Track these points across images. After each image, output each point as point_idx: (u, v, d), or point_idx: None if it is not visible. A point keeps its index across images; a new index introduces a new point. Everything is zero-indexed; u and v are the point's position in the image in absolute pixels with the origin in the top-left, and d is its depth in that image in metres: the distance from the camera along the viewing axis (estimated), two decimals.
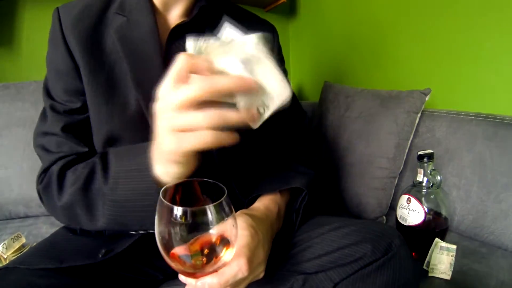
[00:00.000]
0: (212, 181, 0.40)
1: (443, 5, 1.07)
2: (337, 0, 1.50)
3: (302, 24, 1.77)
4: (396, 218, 0.85)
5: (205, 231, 0.36)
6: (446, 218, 0.82)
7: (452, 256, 0.72)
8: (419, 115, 1.01)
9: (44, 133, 0.62)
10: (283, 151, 0.75)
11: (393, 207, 1.01)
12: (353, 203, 1.04)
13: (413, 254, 0.80)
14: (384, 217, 1.03)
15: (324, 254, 0.55)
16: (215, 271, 0.39)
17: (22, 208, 1.08)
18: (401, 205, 0.84)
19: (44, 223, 1.04)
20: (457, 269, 0.73)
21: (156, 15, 0.61)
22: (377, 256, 0.51)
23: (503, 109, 0.93)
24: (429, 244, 0.76)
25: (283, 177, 0.66)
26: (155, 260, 0.64)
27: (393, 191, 1.02)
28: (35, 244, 0.78)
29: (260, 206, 0.61)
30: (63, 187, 0.57)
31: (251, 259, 0.46)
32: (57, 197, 0.57)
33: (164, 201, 0.35)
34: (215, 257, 0.38)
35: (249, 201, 0.64)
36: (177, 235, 0.35)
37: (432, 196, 0.81)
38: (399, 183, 1.03)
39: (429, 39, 1.13)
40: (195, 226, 0.35)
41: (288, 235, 0.62)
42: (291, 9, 1.81)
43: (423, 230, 0.79)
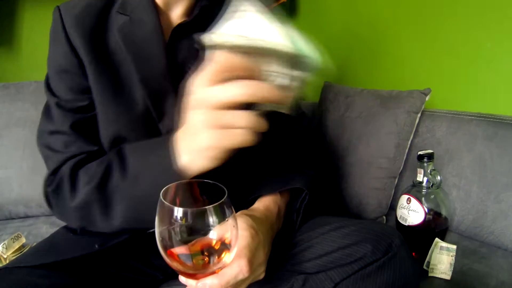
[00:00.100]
0: (212, 182, 0.40)
1: (443, 5, 1.07)
2: (337, 0, 1.50)
3: (302, 24, 1.77)
4: (396, 218, 0.85)
5: (205, 232, 0.36)
6: (446, 218, 0.82)
7: (452, 256, 0.73)
8: (419, 115, 1.01)
9: (51, 132, 0.60)
10: (283, 151, 0.75)
11: (393, 207, 1.01)
12: (353, 203, 1.04)
13: (413, 254, 0.80)
14: (384, 217, 1.03)
15: (324, 254, 0.55)
16: (215, 272, 0.39)
17: (22, 208, 1.08)
18: (401, 205, 0.84)
19: (44, 223, 1.05)
20: (457, 269, 0.73)
21: (159, 14, 0.61)
22: (377, 256, 0.51)
23: (503, 109, 0.93)
24: (429, 244, 0.76)
25: (283, 178, 0.66)
26: (155, 260, 0.64)
27: (393, 191, 1.02)
28: (35, 244, 0.78)
29: (260, 206, 0.61)
30: (76, 187, 0.55)
31: (251, 260, 0.45)
32: (69, 198, 0.55)
33: (164, 202, 0.35)
34: (216, 258, 0.38)
35: (249, 201, 0.64)
36: (177, 236, 0.35)
37: (432, 196, 0.81)
38: (399, 183, 1.03)
39: (429, 39, 1.13)
40: (195, 227, 0.35)
41: (289, 235, 0.62)
42: (291, 9, 1.81)
43: (423, 230, 0.79)
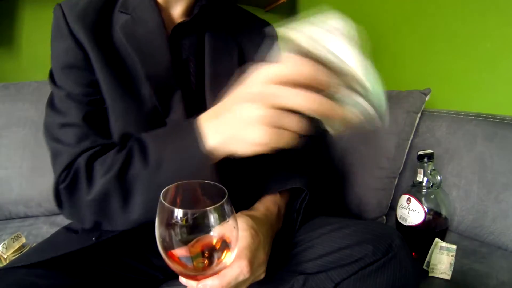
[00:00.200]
0: (212, 182, 0.40)
1: (443, 5, 1.07)
2: (337, 0, 1.50)
3: None
4: (396, 218, 0.85)
5: (206, 233, 0.36)
6: (446, 218, 0.82)
7: (452, 256, 0.73)
8: (419, 115, 1.01)
9: (61, 125, 0.57)
10: (283, 151, 0.75)
11: (393, 207, 1.01)
12: (353, 203, 1.04)
13: (413, 254, 0.80)
14: (384, 217, 1.03)
15: (324, 254, 0.55)
16: (216, 273, 0.39)
17: (22, 208, 1.08)
18: (401, 205, 0.84)
19: (44, 223, 1.04)
20: (457, 269, 0.73)
21: (160, 12, 0.62)
22: (377, 256, 0.51)
23: (503, 109, 0.93)
24: (429, 244, 0.76)
25: (283, 178, 0.66)
26: (155, 260, 0.64)
27: (393, 191, 1.02)
28: (35, 245, 0.78)
29: (260, 206, 0.61)
30: (94, 178, 0.52)
31: (252, 261, 0.46)
32: (86, 191, 0.52)
33: (164, 203, 0.35)
34: (216, 259, 0.38)
35: (249, 201, 0.64)
36: (177, 237, 0.35)
37: (432, 196, 0.81)
38: (399, 183, 1.03)
39: (429, 39, 1.13)
40: (196, 228, 0.35)
41: (289, 235, 0.62)
42: (291, 9, 1.81)
43: (423, 230, 0.79)
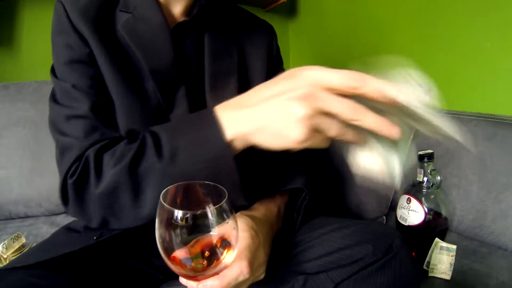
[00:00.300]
0: (212, 183, 0.40)
1: (443, 5, 1.07)
2: (337, 0, 1.50)
3: (302, 24, 1.77)
4: (396, 218, 0.85)
5: (205, 234, 0.36)
6: (446, 218, 0.82)
7: (452, 256, 0.73)
8: None
9: (67, 117, 0.55)
10: (283, 151, 0.75)
11: (393, 207, 1.01)
12: (353, 203, 1.05)
13: (413, 254, 0.80)
14: (384, 217, 1.03)
15: (325, 255, 0.55)
16: (216, 273, 0.39)
17: (22, 208, 1.08)
18: (401, 205, 0.84)
19: (44, 223, 1.04)
20: (457, 269, 0.74)
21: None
22: (377, 256, 0.51)
23: (503, 109, 0.93)
24: (429, 244, 0.76)
25: (283, 178, 0.66)
26: (155, 260, 0.64)
27: (393, 191, 1.02)
28: (35, 245, 0.78)
29: (260, 206, 0.61)
30: (103, 171, 0.50)
31: (252, 261, 0.46)
32: (94, 184, 0.50)
33: (164, 204, 0.35)
34: (216, 259, 0.38)
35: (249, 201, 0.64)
36: (177, 238, 0.35)
37: (432, 196, 0.81)
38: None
39: (429, 39, 1.13)
40: (195, 228, 0.35)
41: (289, 235, 0.62)
42: (291, 9, 1.81)
43: (423, 230, 0.79)
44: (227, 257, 0.38)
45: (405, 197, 0.83)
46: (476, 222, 0.87)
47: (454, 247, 0.73)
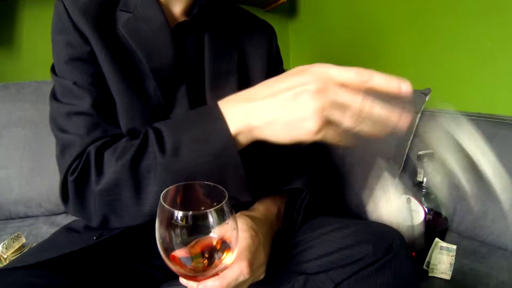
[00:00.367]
0: (212, 184, 0.40)
1: (443, 5, 1.07)
2: (337, 0, 1.50)
3: (302, 24, 1.77)
4: None
5: (206, 234, 0.36)
6: (446, 218, 0.82)
7: (452, 256, 0.73)
8: (419, 115, 1.00)
9: (68, 114, 0.55)
10: (282, 151, 0.75)
11: None
12: (353, 203, 1.04)
13: (413, 254, 0.80)
14: None
15: (325, 255, 0.55)
16: (216, 274, 0.39)
17: (22, 208, 1.08)
18: None
19: (44, 223, 1.04)
20: (457, 269, 0.74)
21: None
22: (378, 256, 0.51)
23: (503, 109, 0.93)
24: (429, 244, 0.76)
25: (283, 178, 0.66)
26: (155, 260, 0.64)
27: None
28: (35, 245, 0.78)
29: (259, 206, 0.61)
30: (104, 167, 0.50)
31: (252, 262, 0.46)
32: (95, 180, 0.49)
33: (164, 205, 0.35)
34: (216, 260, 0.38)
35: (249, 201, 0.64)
36: (177, 238, 0.35)
37: (432, 196, 0.81)
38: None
39: (429, 39, 1.13)
40: (196, 229, 0.35)
41: (289, 235, 0.62)
42: (291, 9, 1.81)
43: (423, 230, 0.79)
44: (227, 257, 0.38)
45: (405, 197, 0.83)
46: (476, 222, 0.87)
47: (454, 247, 0.73)
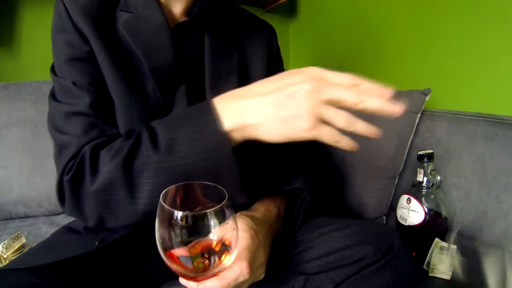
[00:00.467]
0: (212, 184, 0.40)
1: (443, 5, 1.07)
2: (337, 0, 1.50)
3: (302, 24, 1.77)
4: (396, 218, 0.85)
5: (205, 235, 0.36)
6: (446, 218, 0.82)
7: (452, 256, 0.72)
8: (419, 115, 1.00)
9: (66, 114, 0.55)
10: (282, 151, 0.75)
11: (393, 207, 1.01)
12: (353, 203, 1.04)
13: (413, 254, 0.80)
14: (384, 217, 1.03)
15: (325, 255, 0.55)
16: (216, 274, 0.39)
17: (22, 208, 1.08)
18: (401, 205, 0.84)
19: (44, 223, 1.04)
20: (457, 269, 0.73)
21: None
22: (378, 257, 0.51)
23: (503, 109, 0.93)
24: (429, 244, 0.76)
25: (283, 178, 0.66)
26: (155, 260, 0.64)
27: (393, 191, 1.02)
28: (35, 245, 0.78)
29: (259, 207, 0.61)
30: (99, 167, 0.50)
31: (252, 262, 0.46)
32: (90, 180, 0.49)
33: (164, 205, 0.35)
34: (216, 260, 0.38)
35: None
36: (177, 239, 0.35)
37: (432, 196, 0.81)
38: (399, 183, 1.03)
39: (429, 39, 1.13)
40: (196, 229, 0.35)
41: (289, 235, 0.62)
42: (291, 9, 1.81)
43: (423, 230, 0.79)
44: (227, 257, 0.38)
45: (405, 197, 0.83)
46: (476, 222, 0.87)
47: (454, 247, 0.73)
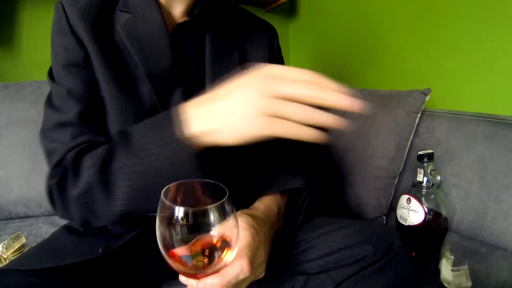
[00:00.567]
0: (213, 181, 0.40)
1: (443, 5, 1.07)
2: (337, 0, 1.50)
3: (302, 24, 1.77)
4: (396, 218, 0.85)
5: (206, 232, 0.36)
6: (446, 218, 0.82)
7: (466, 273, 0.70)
8: (419, 115, 1.00)
9: (57, 124, 0.57)
10: (283, 151, 0.75)
11: (393, 207, 1.01)
12: (353, 203, 1.04)
13: (413, 254, 0.80)
14: (384, 217, 1.03)
15: (325, 255, 0.55)
16: (216, 272, 0.39)
17: (22, 208, 1.08)
18: (401, 205, 0.84)
19: (44, 223, 1.05)
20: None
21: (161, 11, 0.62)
22: (378, 257, 0.51)
23: (503, 109, 0.93)
24: (429, 244, 0.76)
25: (283, 177, 0.66)
26: (156, 260, 0.64)
27: (393, 191, 1.02)
28: (35, 244, 0.78)
29: (260, 205, 0.61)
30: (80, 173, 0.52)
31: (252, 260, 0.46)
32: (72, 185, 0.51)
33: (165, 201, 0.35)
34: (216, 257, 0.38)
35: (249, 200, 0.64)
36: (178, 236, 0.35)
37: (432, 196, 0.81)
38: (399, 183, 1.03)
39: (429, 39, 1.13)
40: (196, 226, 0.35)
41: (290, 235, 0.62)
42: (291, 9, 1.81)
43: (423, 230, 0.79)
44: (227, 255, 0.38)
45: (405, 197, 0.83)
46: (476, 222, 0.87)
47: (466, 267, 0.71)
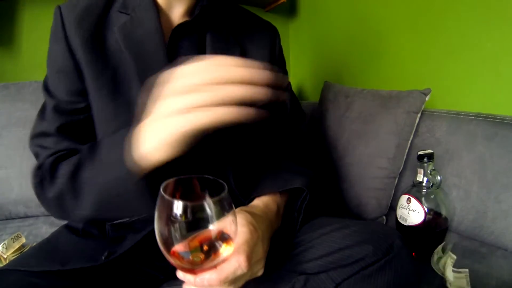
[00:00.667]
0: (212, 177, 0.40)
1: (443, 5, 1.07)
2: (337, 0, 1.50)
3: (302, 24, 1.77)
4: (396, 218, 0.85)
5: (204, 227, 0.36)
6: (446, 218, 0.82)
7: (466, 276, 0.71)
8: (419, 115, 1.00)
9: (42, 133, 0.61)
10: (283, 150, 0.75)
11: (393, 207, 1.01)
12: (353, 203, 1.04)
13: (413, 254, 0.80)
14: (384, 217, 1.03)
15: (325, 255, 0.55)
16: (214, 267, 0.39)
17: (22, 208, 1.08)
18: (401, 205, 0.84)
19: (44, 223, 1.05)
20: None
21: (160, 13, 0.61)
22: (378, 257, 0.51)
23: (503, 109, 0.93)
24: (429, 244, 0.76)
25: (283, 178, 0.66)
26: (157, 261, 0.64)
27: (393, 191, 1.02)
28: (35, 244, 0.77)
29: (259, 203, 0.61)
30: (55, 178, 0.55)
31: (250, 256, 0.45)
32: (48, 188, 0.55)
33: (164, 196, 0.35)
34: (214, 253, 0.38)
35: (249, 199, 0.64)
36: (176, 231, 0.35)
37: (432, 196, 0.81)
38: (399, 183, 1.03)
39: (429, 39, 1.13)
40: (194, 222, 0.35)
41: (290, 235, 0.62)
42: (291, 9, 1.81)
43: (423, 230, 0.79)
44: (225, 251, 0.38)
45: (405, 197, 0.83)
46: (476, 222, 0.87)
47: (466, 270, 0.71)
